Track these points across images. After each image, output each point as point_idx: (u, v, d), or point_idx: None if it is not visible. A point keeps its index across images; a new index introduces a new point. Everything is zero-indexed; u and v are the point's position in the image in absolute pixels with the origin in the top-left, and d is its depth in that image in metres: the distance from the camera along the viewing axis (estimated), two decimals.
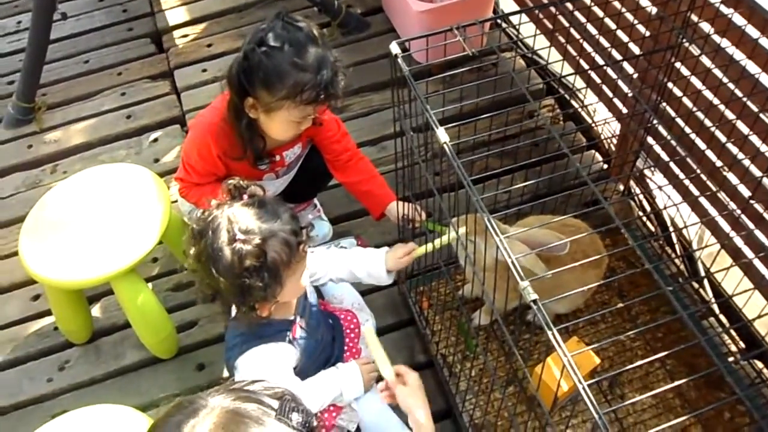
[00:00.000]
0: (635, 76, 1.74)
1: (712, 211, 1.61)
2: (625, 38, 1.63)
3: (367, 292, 1.85)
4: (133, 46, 2.69)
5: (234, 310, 1.35)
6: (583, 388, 0.82)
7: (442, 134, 1.14)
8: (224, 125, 1.58)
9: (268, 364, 1.31)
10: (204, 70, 2.52)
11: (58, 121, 2.44)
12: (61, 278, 1.57)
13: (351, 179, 1.79)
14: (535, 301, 0.92)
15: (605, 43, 1.70)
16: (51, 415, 1.69)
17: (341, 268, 1.53)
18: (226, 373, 1.71)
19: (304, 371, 1.40)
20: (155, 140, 2.34)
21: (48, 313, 1.89)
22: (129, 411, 1.33)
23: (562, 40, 1.63)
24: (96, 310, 1.92)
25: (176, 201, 1.86)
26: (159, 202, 1.69)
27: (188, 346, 1.83)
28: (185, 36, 2.68)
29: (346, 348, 1.58)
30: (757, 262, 1.53)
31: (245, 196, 1.25)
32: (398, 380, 1.28)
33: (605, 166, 2.15)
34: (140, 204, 1.68)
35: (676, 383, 1.03)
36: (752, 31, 1.36)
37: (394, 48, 1.26)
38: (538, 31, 1.46)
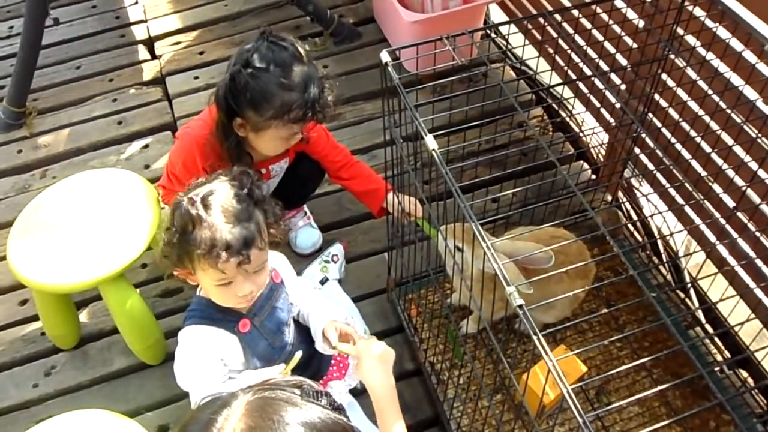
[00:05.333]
0: (623, 87, 1.77)
1: (698, 221, 1.63)
2: (612, 50, 1.65)
3: (356, 299, 1.86)
4: (125, 53, 2.69)
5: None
6: (567, 392, 0.82)
7: (430, 142, 1.16)
8: (212, 139, 1.59)
9: (201, 344, 1.31)
10: (196, 78, 2.53)
11: (48, 126, 2.44)
12: (49, 282, 1.56)
13: (347, 183, 1.83)
14: (521, 306, 0.93)
15: (593, 54, 1.72)
16: (36, 421, 1.67)
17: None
18: None
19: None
20: (146, 146, 2.34)
21: (35, 318, 1.88)
22: (115, 417, 1.32)
23: (551, 50, 1.65)
24: (84, 316, 1.91)
25: (164, 208, 1.86)
26: (148, 207, 1.69)
27: None
28: (178, 43, 2.69)
29: (333, 362, 1.58)
30: (741, 272, 1.55)
31: (246, 188, 1.26)
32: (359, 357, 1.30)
33: (593, 176, 2.17)
34: (130, 209, 1.68)
35: (660, 387, 1.04)
36: (736, 45, 1.39)
37: (385, 56, 1.28)
38: (527, 42, 1.48)
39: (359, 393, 1.63)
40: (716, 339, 1.75)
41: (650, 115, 1.71)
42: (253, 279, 1.27)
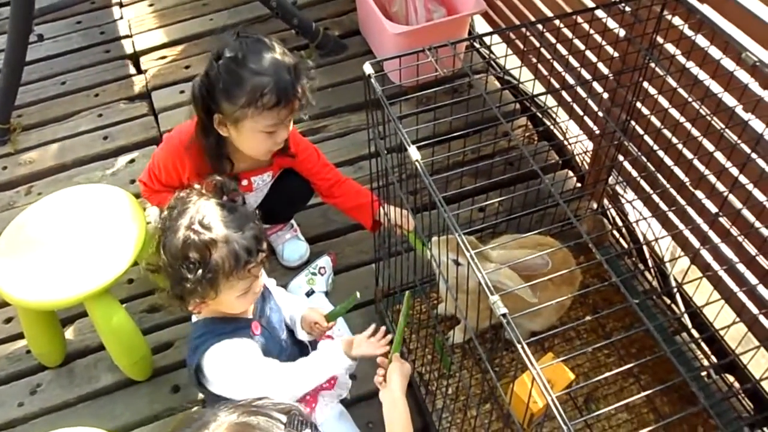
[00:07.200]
0: (605, 95, 1.78)
1: (682, 227, 1.65)
2: (594, 59, 1.67)
3: None
4: (110, 68, 2.69)
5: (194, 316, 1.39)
6: (552, 400, 0.83)
7: (413, 152, 1.16)
8: (191, 144, 1.60)
9: (236, 356, 1.32)
10: (181, 92, 2.52)
11: (33, 142, 2.42)
12: (33, 299, 1.55)
13: (337, 201, 1.83)
14: (504, 315, 0.93)
15: (575, 63, 1.74)
16: None
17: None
18: (201, 396, 1.69)
19: None
20: (132, 161, 2.34)
21: (20, 336, 1.86)
22: None
23: (534, 60, 1.67)
24: (69, 333, 1.89)
25: (150, 223, 1.85)
26: (134, 222, 1.68)
27: (164, 367, 1.81)
28: (163, 58, 2.69)
29: None
30: (726, 277, 1.56)
31: (225, 197, 1.28)
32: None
33: (578, 184, 2.18)
34: (115, 225, 1.68)
35: (646, 393, 1.04)
36: (715, 53, 1.40)
37: (368, 68, 1.28)
38: (509, 51, 1.50)
39: (350, 404, 1.62)
40: (703, 345, 1.76)
41: (633, 122, 1.73)
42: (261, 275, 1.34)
